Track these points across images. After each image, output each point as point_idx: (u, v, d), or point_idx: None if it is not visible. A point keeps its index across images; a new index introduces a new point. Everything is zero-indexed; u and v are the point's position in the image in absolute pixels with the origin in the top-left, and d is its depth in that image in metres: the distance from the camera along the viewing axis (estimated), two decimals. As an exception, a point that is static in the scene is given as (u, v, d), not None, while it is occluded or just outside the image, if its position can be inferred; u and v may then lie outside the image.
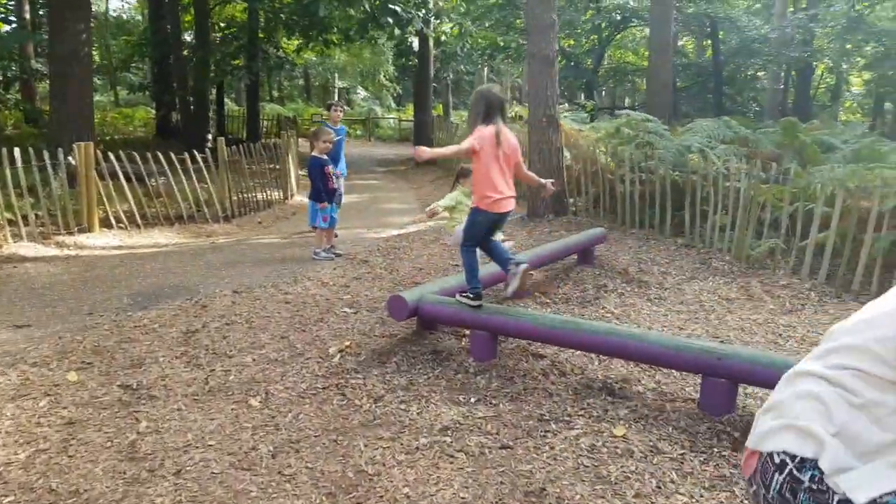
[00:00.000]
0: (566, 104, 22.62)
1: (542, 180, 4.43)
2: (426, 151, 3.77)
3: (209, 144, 15.94)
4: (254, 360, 4.12)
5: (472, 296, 3.95)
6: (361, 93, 39.29)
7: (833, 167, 6.07)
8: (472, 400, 3.52)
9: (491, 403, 3.47)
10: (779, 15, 23.20)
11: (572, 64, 23.64)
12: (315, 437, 3.14)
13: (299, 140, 15.97)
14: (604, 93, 32.14)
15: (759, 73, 24.07)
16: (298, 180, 13.02)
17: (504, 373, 3.80)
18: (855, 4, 22.09)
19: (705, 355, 3.15)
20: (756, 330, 4.63)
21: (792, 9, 24.19)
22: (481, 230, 3.90)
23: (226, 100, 23.21)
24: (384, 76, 34.82)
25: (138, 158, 8.43)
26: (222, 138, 9.39)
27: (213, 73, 17.22)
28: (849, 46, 24.15)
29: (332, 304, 5.19)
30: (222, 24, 20.03)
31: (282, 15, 16.87)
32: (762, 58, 19.84)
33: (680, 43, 25.46)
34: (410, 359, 4.03)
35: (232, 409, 3.46)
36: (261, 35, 18.36)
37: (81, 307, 5.37)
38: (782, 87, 25.08)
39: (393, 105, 37.37)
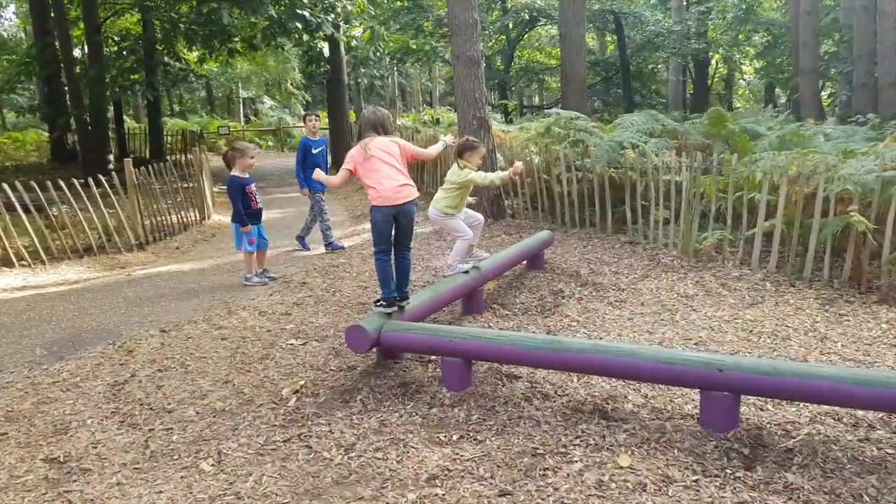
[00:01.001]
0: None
1: (449, 141, 4.62)
2: (321, 177, 4.44)
3: (111, 166, 14.77)
4: (197, 412, 3.62)
5: (384, 303, 3.97)
6: (268, 102, 38.06)
7: (772, 154, 6.15)
8: (455, 437, 3.18)
9: (476, 440, 3.15)
10: (676, 9, 24.22)
11: (484, 65, 23.72)
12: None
13: (209, 155, 15.09)
14: (512, 91, 32.60)
15: (661, 67, 25.04)
16: (214, 198, 12.23)
17: (483, 402, 3.49)
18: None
19: (705, 368, 2.96)
20: (725, 328, 4.54)
21: (685, 2, 25.31)
22: (384, 228, 4.00)
23: (124, 117, 21.72)
24: (291, 84, 33.81)
25: (35, 186, 7.55)
26: (129, 159, 8.56)
27: (111, 90, 16.01)
28: (740, 37, 25.56)
29: (276, 336, 4.73)
30: (116, 38, 18.68)
31: (181, 25, 15.87)
32: (667, 51, 20.56)
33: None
34: (377, 395, 3.65)
35: (182, 478, 2.97)
36: (159, 47, 17.24)
37: (-17, 365, 4.64)
38: (682, 78, 26.19)
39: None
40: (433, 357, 3.91)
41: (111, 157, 16.35)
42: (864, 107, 10.99)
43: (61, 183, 7.83)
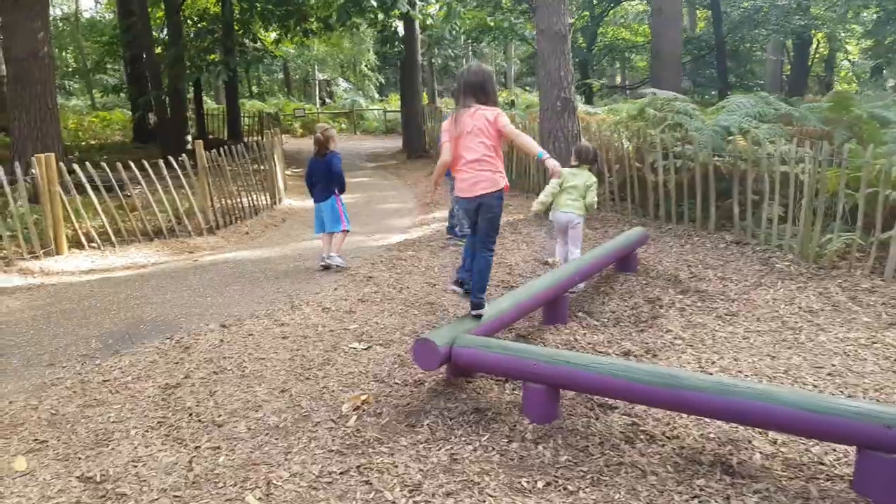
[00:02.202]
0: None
1: (546, 160, 3.48)
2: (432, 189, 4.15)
3: (190, 146, 14.93)
4: (249, 428, 3.23)
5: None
6: (343, 84, 38.14)
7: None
8: (540, 485, 2.64)
9: (566, 489, 2.60)
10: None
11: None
12: (339, 565, 2.27)
13: (284, 137, 15.01)
14: (594, 71, 31.22)
15: (757, 46, 23.20)
16: (286, 182, 12.06)
17: (573, 439, 2.93)
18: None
19: (866, 422, 2.29)
20: (863, 354, 3.78)
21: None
22: (468, 219, 3.54)
23: (204, 98, 22.10)
24: (366, 66, 33.67)
25: (107, 168, 7.46)
26: (200, 141, 8.38)
27: (189, 70, 16.15)
28: (849, 14, 23.34)
29: (338, 337, 4.31)
30: (195, 18, 18.88)
31: (257, 4, 15.79)
32: (767, 28, 18.91)
33: (674, 17, 24.54)
34: (447, 420, 3.14)
35: (223, 515, 2.58)
36: (236, 28, 17.27)
37: (41, 356, 4.42)
38: (780, 58, 24.29)
39: (376, 96, 36.21)
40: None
41: (189, 137, 16.54)
42: None
43: (131, 164, 7.71)
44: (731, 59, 21.09)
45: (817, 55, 29.41)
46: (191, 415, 3.35)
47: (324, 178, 6.10)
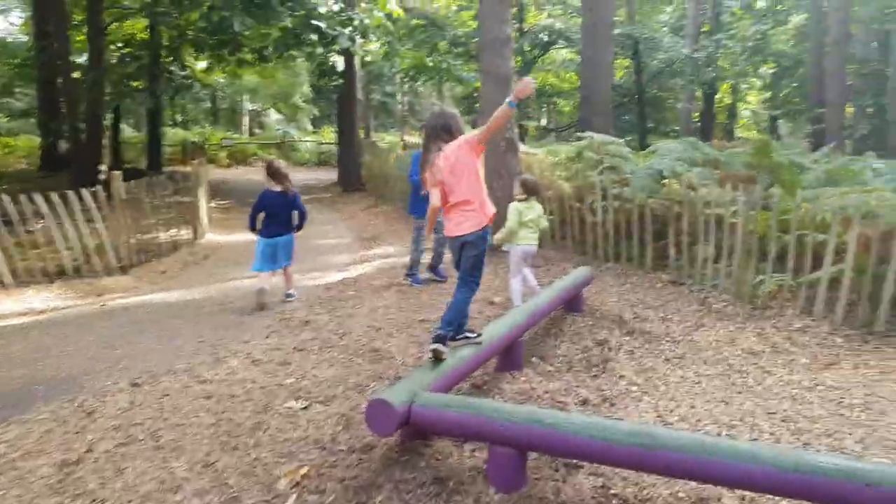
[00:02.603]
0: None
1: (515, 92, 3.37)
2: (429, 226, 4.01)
3: (103, 176, 14.10)
4: (166, 516, 2.80)
5: (472, 334, 3.63)
6: (274, 115, 37.49)
7: (837, 191, 5.46)
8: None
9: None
10: (690, 36, 23.73)
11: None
12: None
13: (209, 168, 14.42)
14: (526, 114, 32.03)
15: (673, 94, 24.47)
16: (211, 214, 11.53)
17: (542, 506, 2.72)
18: (762, 28, 22.85)
19: (847, 480, 2.22)
20: (808, 397, 3.80)
21: (699, 31, 24.83)
22: (455, 257, 3.72)
23: (123, 125, 21.11)
24: (300, 98, 33.25)
25: (6, 198, 6.79)
26: (118, 172, 7.83)
27: (110, 97, 15.38)
28: (749, 68, 25.07)
29: (271, 394, 3.90)
30: (120, 44, 18.10)
31: (188, 32, 15.29)
32: (684, 77, 19.98)
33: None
34: (403, 495, 2.77)
35: None
36: (164, 55, 16.65)
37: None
38: (690, 106, 25.70)
39: (310, 128, 35.77)
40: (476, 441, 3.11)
41: (104, 167, 15.68)
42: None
43: (36, 195, 7.04)
44: (650, 106, 22.10)
45: (721, 104, 31.32)
46: (93, 501, 2.83)
47: (287, 213, 6.10)
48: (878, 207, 4.96)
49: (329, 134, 33.41)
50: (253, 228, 6.05)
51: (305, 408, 3.72)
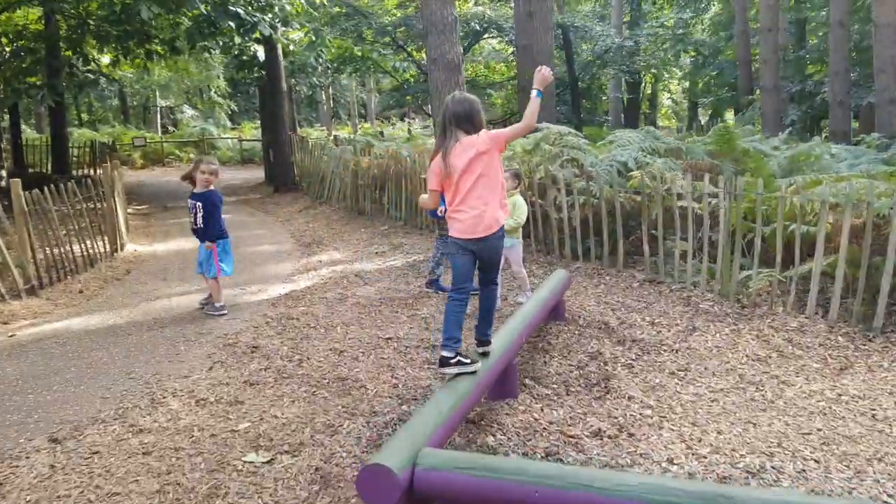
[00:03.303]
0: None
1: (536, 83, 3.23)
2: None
3: (3, 183, 12.59)
4: None
5: (460, 358, 3.11)
6: (189, 111, 35.50)
7: (826, 180, 5.22)
8: None
9: None
10: (615, 26, 23.91)
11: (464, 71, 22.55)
12: None
13: (122, 170, 13.15)
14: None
15: (604, 84, 24.63)
16: (129, 223, 10.40)
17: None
18: (685, 18, 23.26)
19: None
20: (840, 412, 3.44)
21: (624, 20, 25.09)
22: (462, 262, 3.23)
23: (24, 126, 19.19)
24: (215, 92, 31.52)
25: None
26: (17, 181, 6.73)
27: (4, 94, 13.77)
28: (671, 56, 25.58)
29: (225, 445, 3.21)
30: (11, 35, 16.30)
31: (90, 22, 13.85)
32: (615, 67, 20.02)
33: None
34: None
35: None
36: (63, 48, 15.06)
37: None
38: (618, 95, 26.02)
39: (228, 124, 34.04)
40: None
41: (3, 172, 14.11)
42: (840, 125, 10.49)
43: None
44: (584, 97, 22.11)
45: (644, 94, 31.96)
46: None
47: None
48: (868, 195, 4.71)
49: (250, 130, 31.84)
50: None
51: (269, 461, 3.05)
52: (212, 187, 5.67)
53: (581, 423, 3.34)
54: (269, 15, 12.82)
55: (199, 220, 5.58)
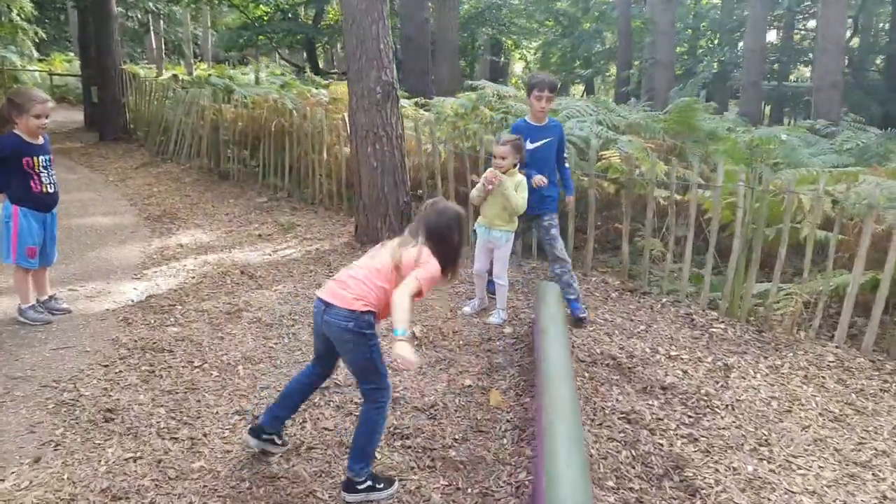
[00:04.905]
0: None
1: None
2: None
3: None
4: None
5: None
6: (-17, 35, 29.12)
7: (825, 174, 4.39)
8: None
9: None
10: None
11: (289, 16, 20.08)
12: None
13: None
14: (321, 53, 28.73)
15: (481, 44, 23.53)
16: None
17: None
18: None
19: None
20: None
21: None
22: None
23: None
24: (19, 15, 25.95)
25: None
26: None
27: None
28: (535, 24, 25.06)
29: None
30: None
31: None
32: (495, 26, 18.94)
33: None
34: None
35: None
36: None
37: None
38: (491, 58, 25.22)
39: (35, 54, 28.42)
40: None
41: None
42: (752, 106, 10.23)
43: None
44: (463, 57, 20.89)
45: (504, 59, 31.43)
46: None
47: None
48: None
49: (61, 63, 26.76)
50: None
51: None
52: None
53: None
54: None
55: None
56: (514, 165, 3.90)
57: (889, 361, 3.87)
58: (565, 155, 4.25)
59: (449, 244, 2.45)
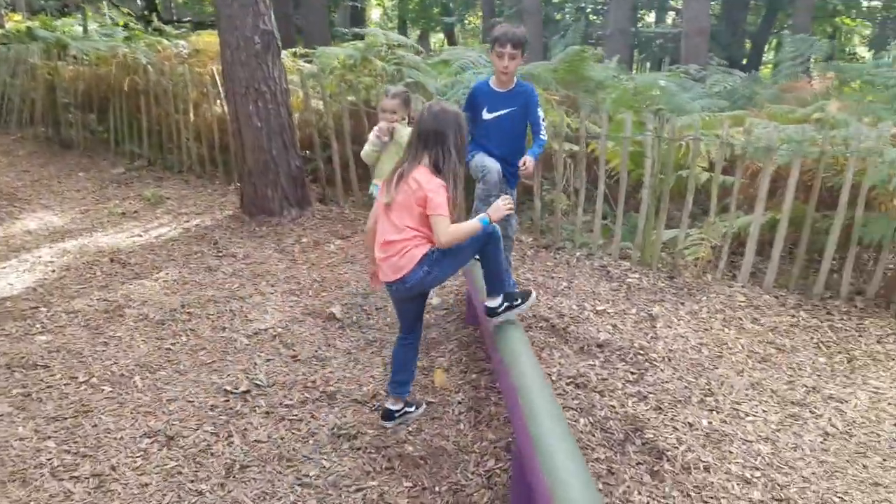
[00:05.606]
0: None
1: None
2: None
3: None
4: None
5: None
6: None
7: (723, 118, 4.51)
8: None
9: None
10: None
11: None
12: None
13: None
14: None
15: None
16: None
17: None
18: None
19: None
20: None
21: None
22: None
23: None
24: None
25: None
26: None
27: None
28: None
29: None
30: None
31: None
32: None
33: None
34: None
35: None
36: None
37: None
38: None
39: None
40: None
41: None
42: (621, 52, 10.47)
43: None
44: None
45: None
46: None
47: None
48: (823, 142, 4.05)
49: None
50: None
51: None
52: None
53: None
54: None
55: None
56: (403, 119, 3.50)
57: (790, 296, 4.09)
58: (542, 124, 3.25)
59: (448, 145, 2.33)
